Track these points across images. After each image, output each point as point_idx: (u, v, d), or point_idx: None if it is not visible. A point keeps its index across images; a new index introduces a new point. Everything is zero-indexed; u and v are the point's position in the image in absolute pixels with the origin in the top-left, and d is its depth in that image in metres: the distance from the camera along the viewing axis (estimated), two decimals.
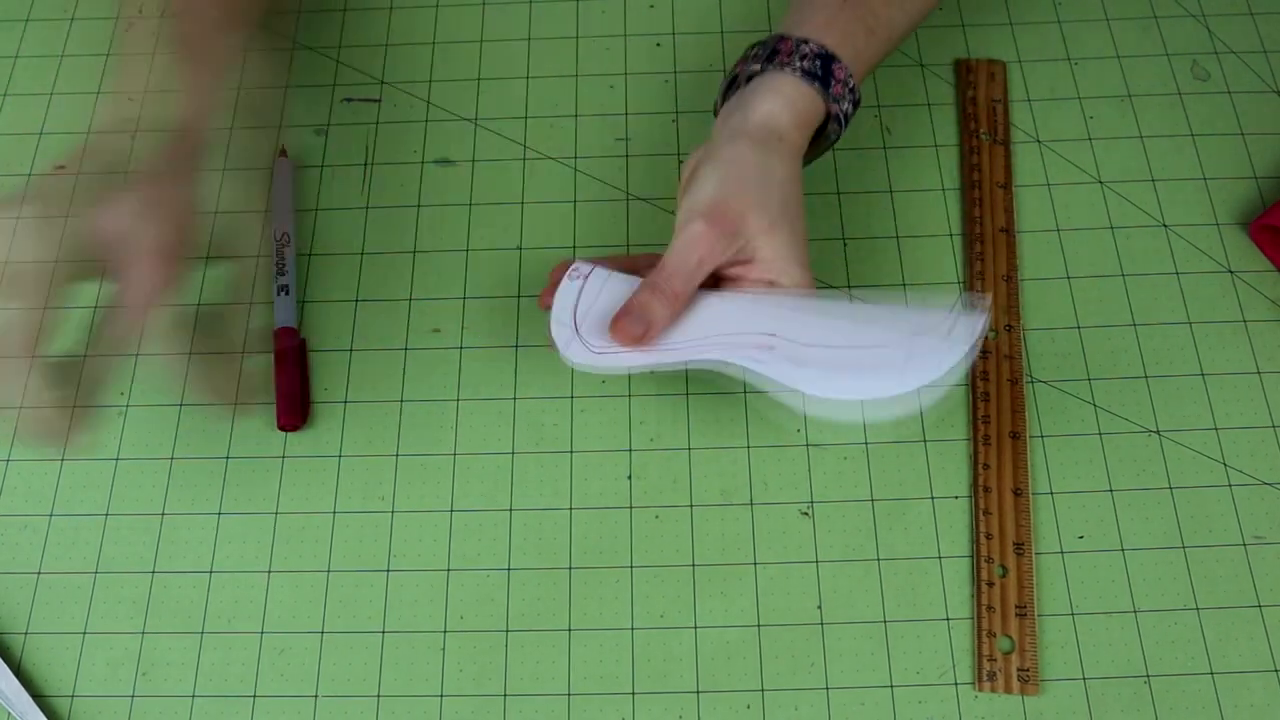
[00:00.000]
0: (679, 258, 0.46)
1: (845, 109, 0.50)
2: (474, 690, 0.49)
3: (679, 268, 0.46)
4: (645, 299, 0.46)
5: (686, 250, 0.46)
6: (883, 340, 0.46)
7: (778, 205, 0.46)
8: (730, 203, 0.46)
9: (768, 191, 0.46)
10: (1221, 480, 0.52)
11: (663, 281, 0.46)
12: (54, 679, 0.49)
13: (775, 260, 0.47)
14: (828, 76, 0.48)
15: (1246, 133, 0.60)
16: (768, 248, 0.46)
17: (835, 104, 0.49)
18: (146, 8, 0.66)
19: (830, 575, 0.50)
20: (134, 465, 0.53)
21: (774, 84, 0.48)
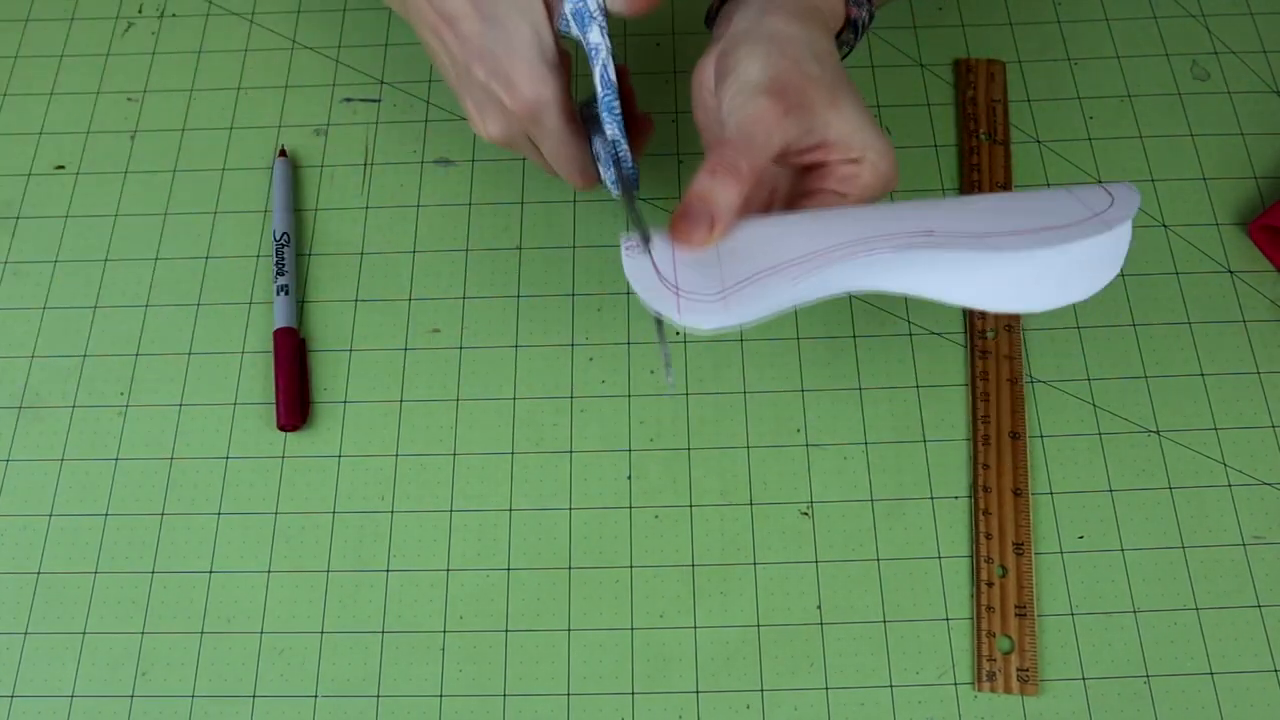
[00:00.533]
0: (744, 133, 0.39)
1: (863, 16, 0.46)
2: (474, 690, 0.49)
3: (745, 142, 0.39)
4: (705, 185, 0.39)
5: (753, 126, 0.39)
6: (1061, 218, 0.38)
7: (833, 75, 0.41)
8: (789, 76, 0.40)
9: (820, 62, 0.41)
10: (1221, 480, 0.52)
11: (724, 161, 0.39)
12: (54, 679, 0.49)
13: (853, 134, 0.41)
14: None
15: (1246, 133, 0.60)
16: (838, 122, 0.41)
17: (855, 7, 0.45)
18: (146, 7, 0.66)
19: (830, 575, 0.50)
20: (134, 465, 0.53)
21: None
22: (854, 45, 0.48)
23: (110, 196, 0.60)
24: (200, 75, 0.64)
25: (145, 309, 0.57)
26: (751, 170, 0.39)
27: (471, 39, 0.44)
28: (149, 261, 0.58)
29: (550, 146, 0.45)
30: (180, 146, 0.61)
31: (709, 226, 0.39)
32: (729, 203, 0.39)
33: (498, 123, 0.45)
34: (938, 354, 0.55)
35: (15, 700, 0.49)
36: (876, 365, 0.54)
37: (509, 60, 0.44)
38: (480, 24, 0.44)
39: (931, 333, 0.55)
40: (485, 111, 0.46)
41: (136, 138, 0.62)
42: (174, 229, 0.59)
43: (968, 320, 0.55)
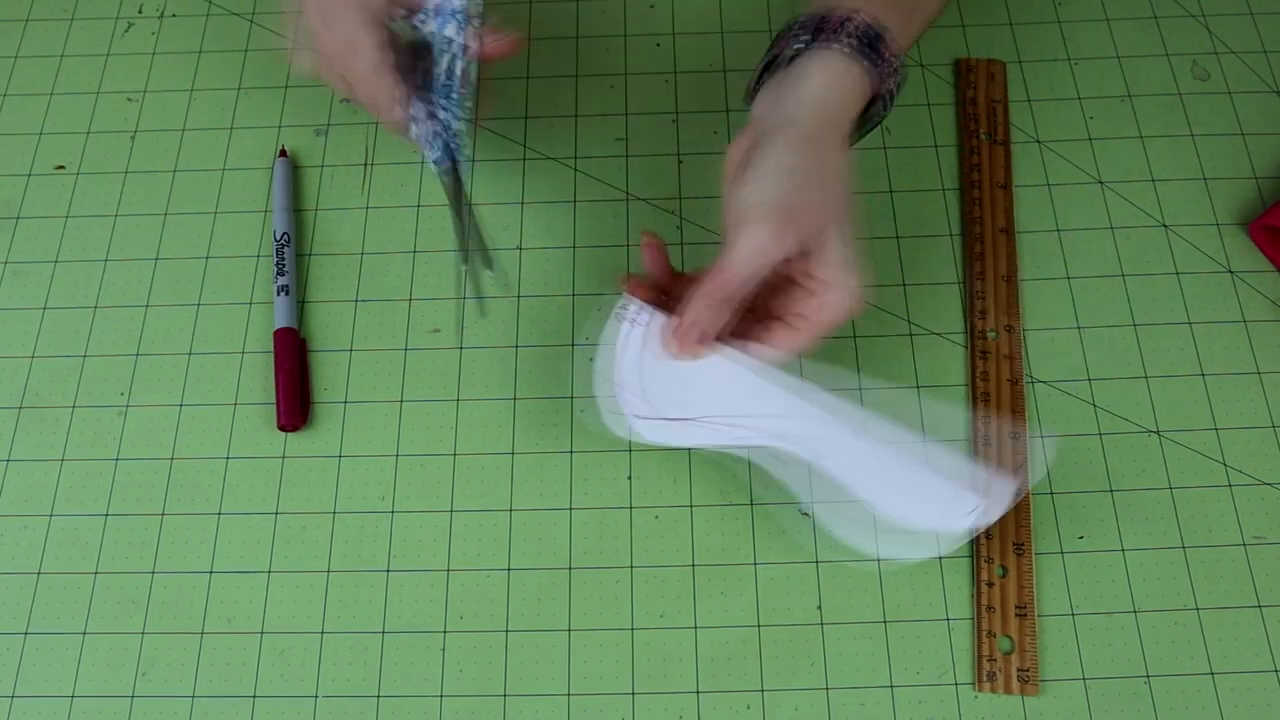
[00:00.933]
0: (741, 262, 0.44)
1: (891, 88, 0.47)
2: (474, 690, 0.49)
3: (738, 274, 0.44)
4: (703, 314, 0.45)
5: (751, 257, 0.43)
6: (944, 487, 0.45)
7: (834, 202, 0.45)
8: (794, 201, 0.43)
9: (826, 188, 0.44)
10: (1221, 480, 0.52)
11: (721, 293, 0.44)
12: (54, 679, 0.49)
13: (830, 262, 0.44)
14: (876, 53, 0.46)
15: (1246, 133, 0.60)
16: (823, 250, 0.44)
17: (883, 83, 0.46)
18: (146, 7, 0.66)
19: (830, 575, 0.50)
20: (134, 465, 0.53)
21: (823, 62, 0.45)
22: (885, 115, 0.49)
23: (110, 196, 0.60)
24: (200, 75, 0.64)
25: (145, 309, 0.57)
26: (744, 301, 0.45)
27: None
28: (149, 261, 0.58)
29: (363, 87, 0.49)
30: (180, 146, 0.61)
31: (701, 341, 0.45)
32: (717, 328, 0.45)
33: (311, 54, 0.50)
34: (938, 354, 0.55)
35: (15, 700, 0.49)
36: (876, 365, 0.54)
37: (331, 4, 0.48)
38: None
39: (931, 333, 0.55)
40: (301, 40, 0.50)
41: (136, 138, 0.62)
42: (174, 229, 0.59)
43: (968, 320, 0.55)
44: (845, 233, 0.45)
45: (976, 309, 0.55)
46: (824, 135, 0.45)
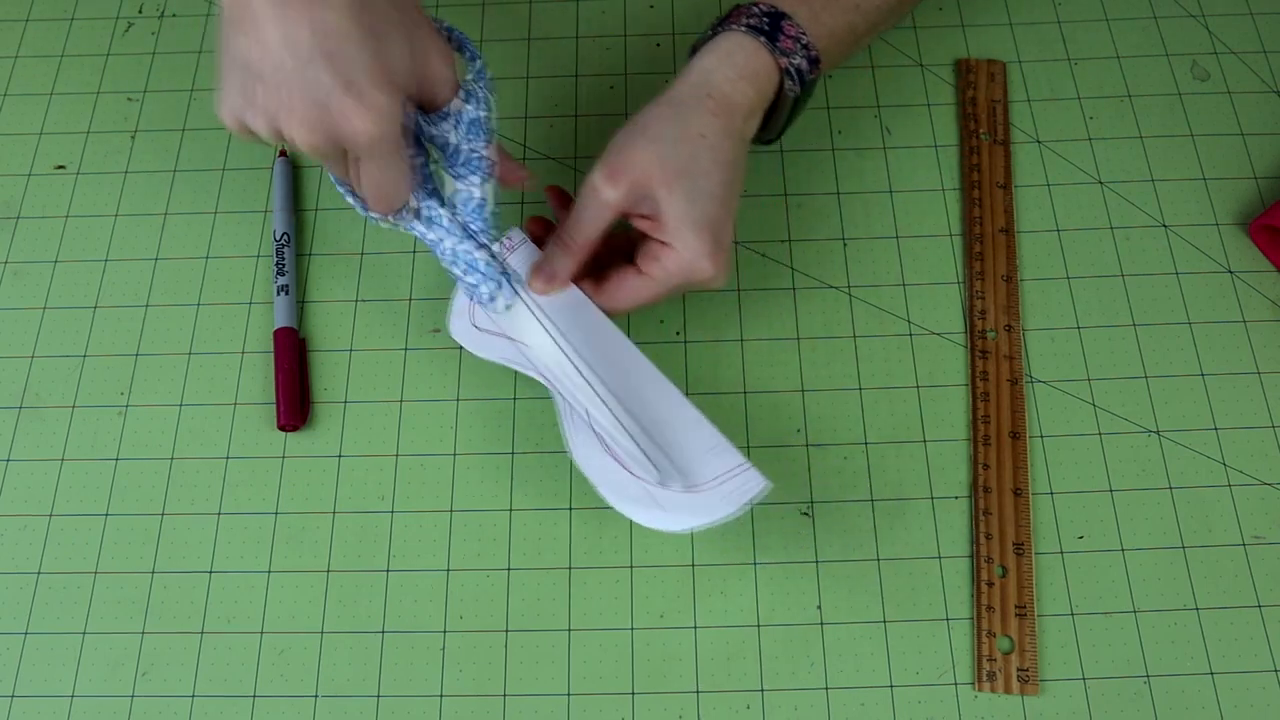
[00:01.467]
0: (577, 209, 0.48)
1: (797, 63, 0.48)
2: (474, 690, 0.49)
3: (575, 219, 0.47)
4: (548, 251, 0.49)
5: (581, 202, 0.47)
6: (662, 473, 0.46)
7: (682, 161, 0.46)
8: (625, 155, 0.46)
9: (674, 147, 0.46)
10: (1221, 480, 0.52)
11: (564, 234, 0.48)
12: (54, 679, 0.49)
13: (670, 219, 0.46)
14: (775, 32, 0.48)
15: (1246, 133, 0.60)
16: (665, 203, 0.46)
17: (785, 57, 0.48)
18: (146, 7, 0.66)
19: (830, 575, 0.50)
20: (134, 465, 0.53)
21: (717, 43, 0.48)
22: (798, 92, 0.49)
23: (110, 196, 0.60)
24: (200, 75, 0.64)
25: (145, 309, 0.57)
26: (584, 242, 0.48)
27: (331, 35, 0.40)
28: (149, 261, 0.58)
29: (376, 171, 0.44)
30: (180, 146, 0.61)
31: (548, 281, 0.48)
32: (564, 268, 0.48)
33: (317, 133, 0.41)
34: (938, 354, 0.55)
35: (15, 700, 0.49)
36: (876, 365, 0.54)
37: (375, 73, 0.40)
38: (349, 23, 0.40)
39: (931, 333, 0.55)
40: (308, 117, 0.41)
41: (136, 138, 0.62)
42: (174, 229, 0.59)
43: (968, 320, 0.55)
44: (696, 192, 0.46)
45: (976, 309, 0.55)
46: (690, 103, 0.47)
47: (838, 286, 0.56)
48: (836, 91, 0.62)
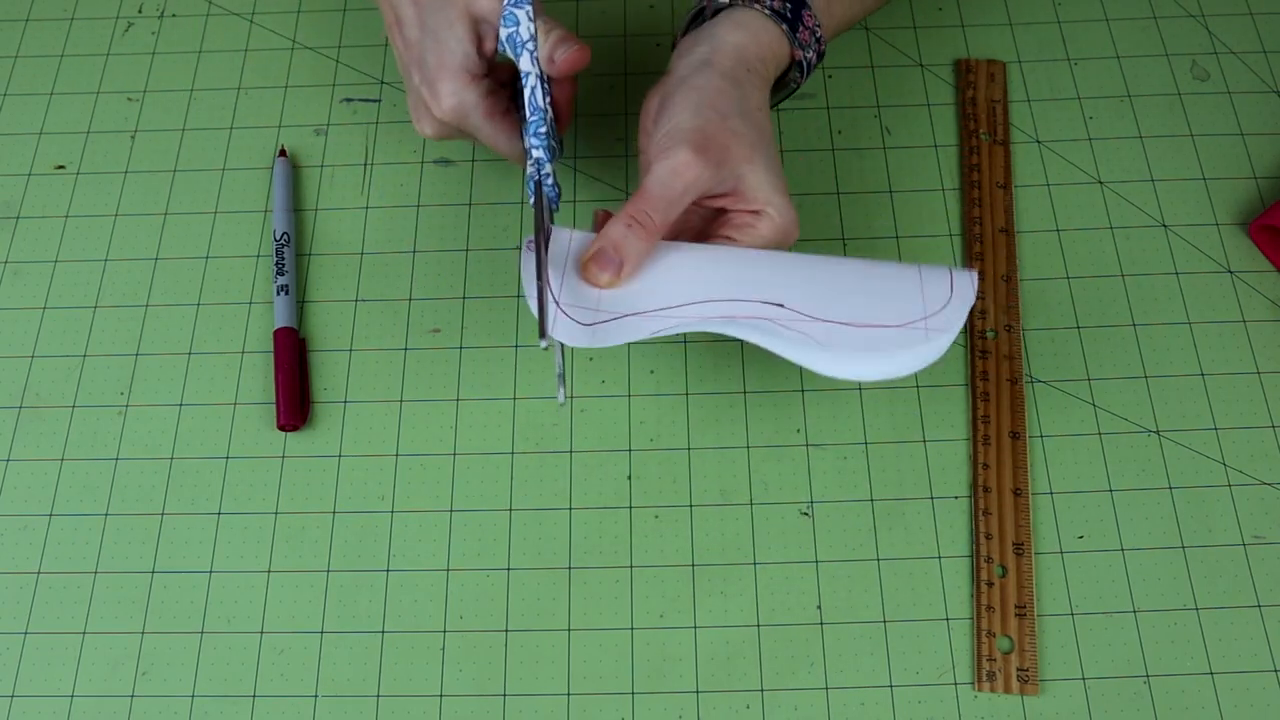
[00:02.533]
0: (661, 185, 0.43)
1: (809, 57, 0.49)
2: (474, 690, 0.49)
3: (661, 196, 0.43)
4: (619, 234, 0.44)
5: (670, 178, 0.43)
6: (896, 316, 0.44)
7: (756, 133, 0.46)
8: (714, 129, 0.44)
9: (747, 120, 0.46)
10: (1221, 480, 0.52)
11: (640, 213, 0.43)
12: (54, 679, 0.49)
13: (760, 189, 0.45)
14: (796, 21, 0.48)
15: (1246, 133, 0.60)
16: (751, 176, 0.45)
17: (800, 50, 0.48)
18: (146, 7, 0.66)
19: (830, 575, 0.50)
20: (134, 465, 0.53)
21: (741, 18, 0.48)
22: (801, 83, 0.51)
23: (110, 196, 0.60)
24: (200, 75, 0.64)
25: (145, 309, 0.57)
26: (664, 224, 0.44)
27: (412, 45, 0.49)
28: (149, 261, 0.58)
29: (484, 139, 0.50)
30: (180, 146, 0.61)
31: (616, 272, 0.44)
32: (637, 253, 0.44)
33: (430, 124, 0.51)
34: None
35: (15, 700, 0.49)
36: None
37: (437, 71, 0.48)
38: (419, 32, 0.49)
39: None
40: (419, 112, 0.51)
41: (136, 138, 0.62)
42: (174, 229, 0.59)
43: (968, 320, 0.55)
44: (773, 159, 0.46)
45: (976, 309, 0.55)
46: (741, 76, 0.46)
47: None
48: (836, 91, 0.62)
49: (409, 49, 0.50)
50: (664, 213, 0.44)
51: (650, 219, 0.43)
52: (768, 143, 0.46)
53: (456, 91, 0.48)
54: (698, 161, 0.43)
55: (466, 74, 0.49)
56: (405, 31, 0.49)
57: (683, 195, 0.44)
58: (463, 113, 0.49)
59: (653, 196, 0.43)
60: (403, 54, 0.50)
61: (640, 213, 0.43)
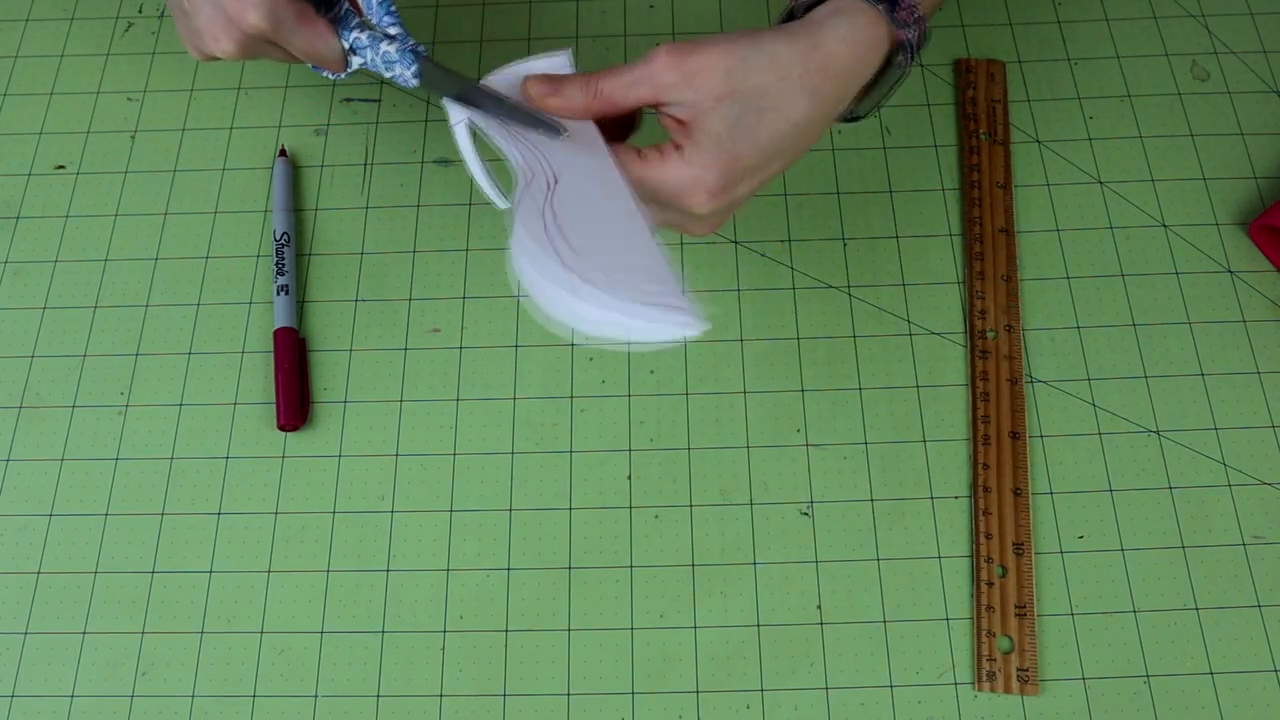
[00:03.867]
0: (626, 66, 0.43)
1: (912, 36, 0.45)
2: (474, 690, 0.49)
3: (615, 74, 0.43)
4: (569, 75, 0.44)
5: (636, 65, 0.42)
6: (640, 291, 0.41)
7: (747, 86, 0.41)
8: (704, 47, 0.41)
9: (747, 68, 0.41)
10: (1221, 480, 0.52)
11: (595, 74, 0.43)
12: (54, 679, 0.49)
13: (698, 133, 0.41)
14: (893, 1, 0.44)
15: (1246, 133, 0.60)
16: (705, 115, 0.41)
17: (902, 29, 0.44)
18: (146, 7, 0.66)
19: (830, 575, 0.50)
20: (134, 465, 0.53)
21: (836, 4, 0.43)
22: (907, 66, 0.46)
23: (110, 196, 0.60)
24: (200, 75, 0.64)
25: (145, 309, 0.57)
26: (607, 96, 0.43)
27: None
28: (149, 261, 0.58)
29: (298, 45, 0.47)
30: (180, 146, 0.61)
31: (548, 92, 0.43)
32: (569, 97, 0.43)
33: (231, 38, 0.46)
34: (938, 354, 0.55)
35: (15, 700, 0.49)
36: (876, 365, 0.54)
37: None
38: None
39: (931, 333, 0.55)
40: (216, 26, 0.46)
41: (136, 138, 0.62)
42: (174, 229, 0.59)
43: (968, 320, 0.55)
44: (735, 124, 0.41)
45: (976, 309, 0.55)
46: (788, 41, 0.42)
47: (837, 286, 0.56)
48: None
49: None
50: (611, 84, 0.43)
51: (596, 81, 0.43)
52: (753, 105, 0.41)
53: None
54: (666, 58, 0.41)
55: None
56: None
57: (636, 79, 0.42)
58: (275, 17, 0.45)
59: (612, 70, 0.43)
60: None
61: (593, 74, 0.43)
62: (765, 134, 0.42)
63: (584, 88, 0.43)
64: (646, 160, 0.43)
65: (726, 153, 0.41)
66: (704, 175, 0.41)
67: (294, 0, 0.46)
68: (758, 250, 0.58)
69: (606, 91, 0.43)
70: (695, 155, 0.41)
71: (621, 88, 0.43)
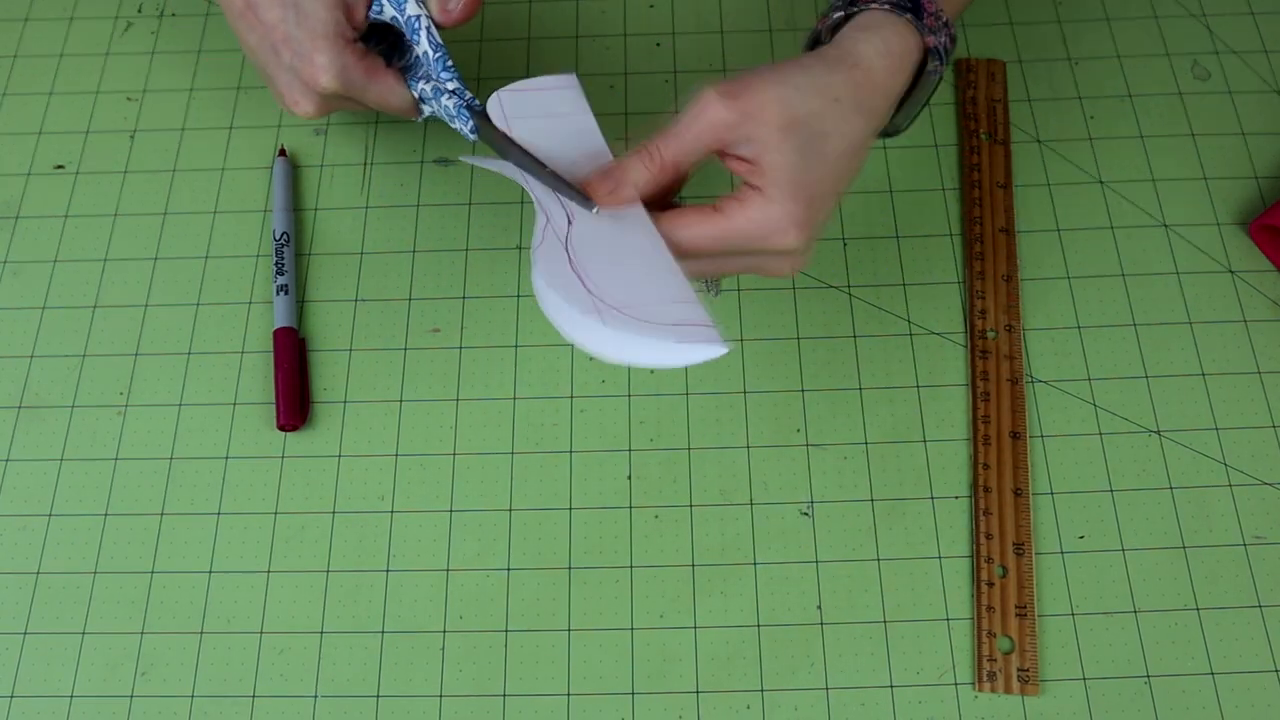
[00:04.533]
0: (677, 122, 0.42)
1: (942, 41, 0.45)
2: (474, 690, 0.49)
3: (674, 131, 0.42)
4: (626, 159, 0.43)
5: (689, 116, 0.41)
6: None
7: (807, 113, 0.41)
8: (748, 82, 0.41)
9: (803, 96, 0.41)
10: (1221, 480, 0.52)
11: (651, 145, 0.42)
12: (53, 679, 0.49)
13: (773, 170, 0.41)
14: (919, 8, 0.44)
15: (1247, 133, 0.60)
16: (774, 150, 0.41)
17: (931, 36, 0.44)
18: (146, 7, 0.66)
19: (830, 575, 0.50)
20: (134, 465, 0.53)
21: (863, 22, 0.44)
22: (940, 71, 0.46)
23: (110, 196, 0.60)
24: (200, 75, 0.64)
25: (145, 309, 0.57)
26: (673, 160, 0.42)
27: (273, 26, 0.48)
28: (149, 261, 0.58)
29: (371, 99, 0.50)
30: (180, 146, 0.61)
31: (611, 190, 0.42)
32: (639, 180, 0.42)
33: (310, 100, 0.50)
34: (938, 354, 0.55)
35: (15, 700, 0.49)
36: (876, 365, 0.54)
37: (310, 43, 0.48)
38: (280, 10, 0.48)
39: (931, 333, 0.55)
40: (294, 92, 0.50)
41: (136, 137, 0.62)
42: (174, 229, 0.59)
43: (968, 320, 0.55)
44: (805, 153, 0.41)
45: (976, 309, 0.55)
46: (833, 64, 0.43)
47: (838, 286, 0.56)
48: None
49: (271, 30, 0.48)
50: (672, 148, 0.42)
51: (658, 151, 0.42)
52: (817, 130, 0.41)
53: (336, 58, 0.48)
54: (719, 102, 0.41)
55: (342, 39, 0.48)
56: (262, 14, 0.48)
57: (697, 134, 0.41)
58: (346, 78, 0.48)
59: (666, 132, 0.42)
60: (263, 37, 0.49)
61: (650, 143, 0.42)
62: (832, 157, 0.42)
63: (647, 164, 0.42)
64: (727, 212, 0.42)
65: (804, 182, 0.41)
66: (791, 209, 0.41)
67: (363, 58, 0.49)
68: None
69: (670, 159, 0.42)
70: (776, 192, 0.41)
71: (685, 149, 0.42)
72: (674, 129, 0.42)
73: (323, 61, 0.48)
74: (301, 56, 0.48)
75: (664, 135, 0.42)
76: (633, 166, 0.42)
